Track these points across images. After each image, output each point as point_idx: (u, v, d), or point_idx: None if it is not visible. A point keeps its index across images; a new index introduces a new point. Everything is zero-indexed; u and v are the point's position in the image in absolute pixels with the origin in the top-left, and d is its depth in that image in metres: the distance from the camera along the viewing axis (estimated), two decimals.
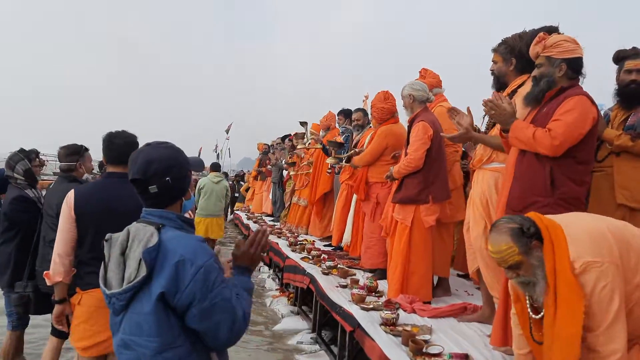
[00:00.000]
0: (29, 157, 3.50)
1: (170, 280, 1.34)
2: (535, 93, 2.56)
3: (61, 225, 2.39)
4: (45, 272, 2.45)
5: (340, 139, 5.86)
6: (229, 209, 13.69)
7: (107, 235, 1.47)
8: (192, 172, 1.73)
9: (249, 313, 1.48)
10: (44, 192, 3.50)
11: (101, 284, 1.44)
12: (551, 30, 2.76)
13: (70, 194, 2.41)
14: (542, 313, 1.82)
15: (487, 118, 3.11)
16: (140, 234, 1.40)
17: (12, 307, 3.36)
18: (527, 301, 1.89)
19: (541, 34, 2.68)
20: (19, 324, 3.46)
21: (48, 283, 2.44)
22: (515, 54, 2.96)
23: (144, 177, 1.44)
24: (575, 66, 2.44)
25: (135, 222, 1.47)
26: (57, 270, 2.39)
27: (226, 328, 1.38)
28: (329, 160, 5.64)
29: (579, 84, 2.50)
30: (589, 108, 2.33)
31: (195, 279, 1.33)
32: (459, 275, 4.63)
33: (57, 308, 2.49)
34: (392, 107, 4.48)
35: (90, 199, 2.39)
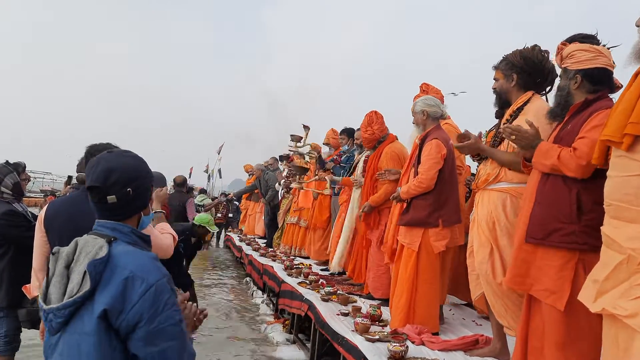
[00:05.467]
0: (17, 170, 3.31)
1: (115, 297, 1.21)
2: (553, 107, 2.43)
3: (34, 239, 2.36)
4: (24, 286, 2.41)
5: (303, 162, 6.13)
6: (223, 230, 13.92)
7: (55, 249, 1.33)
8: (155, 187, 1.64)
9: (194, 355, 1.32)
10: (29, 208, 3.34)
11: (40, 301, 1.28)
12: (578, 39, 2.50)
13: (45, 207, 2.37)
14: None
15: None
16: (89, 247, 1.28)
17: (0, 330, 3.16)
18: None
19: (560, 44, 2.52)
20: (6, 349, 3.20)
21: (29, 297, 2.41)
22: (517, 70, 2.82)
23: (103, 185, 1.33)
24: (594, 78, 2.26)
25: (85, 235, 1.35)
26: (33, 284, 2.37)
27: (174, 357, 1.24)
28: (294, 185, 5.79)
29: (609, 95, 2.32)
30: None
31: (144, 298, 1.21)
32: (464, 304, 4.43)
33: (42, 323, 2.44)
34: (372, 135, 4.44)
35: (58, 213, 2.29)
